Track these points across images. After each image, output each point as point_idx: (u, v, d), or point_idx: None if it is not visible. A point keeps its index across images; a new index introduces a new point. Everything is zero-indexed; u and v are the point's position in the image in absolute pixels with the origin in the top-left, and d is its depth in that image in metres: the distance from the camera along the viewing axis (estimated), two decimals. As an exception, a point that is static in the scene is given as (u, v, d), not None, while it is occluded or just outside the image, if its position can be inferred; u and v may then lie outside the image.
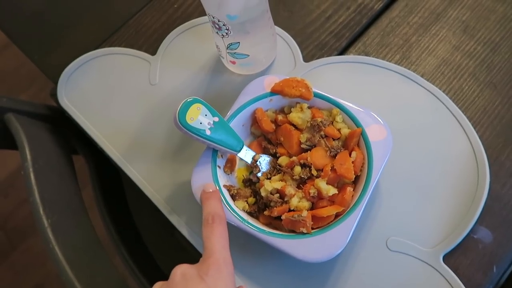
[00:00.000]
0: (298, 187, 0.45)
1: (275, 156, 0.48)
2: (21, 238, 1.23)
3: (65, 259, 0.45)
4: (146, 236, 0.67)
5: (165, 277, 0.37)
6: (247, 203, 0.45)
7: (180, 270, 0.35)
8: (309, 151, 0.46)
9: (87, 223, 0.55)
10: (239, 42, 0.49)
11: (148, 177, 0.52)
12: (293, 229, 0.43)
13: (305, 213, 0.42)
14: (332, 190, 0.43)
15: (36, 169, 0.50)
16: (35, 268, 1.19)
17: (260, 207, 0.45)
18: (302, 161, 0.45)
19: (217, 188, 0.43)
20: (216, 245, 0.37)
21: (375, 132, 0.45)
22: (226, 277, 0.35)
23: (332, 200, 0.44)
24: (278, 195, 0.44)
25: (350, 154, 0.45)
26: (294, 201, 0.43)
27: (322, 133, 0.46)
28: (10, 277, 1.19)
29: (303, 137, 0.46)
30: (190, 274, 0.35)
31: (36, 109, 0.60)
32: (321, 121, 0.46)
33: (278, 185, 0.45)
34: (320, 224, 0.43)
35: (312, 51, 0.57)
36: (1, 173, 1.31)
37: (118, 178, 0.70)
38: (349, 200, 0.43)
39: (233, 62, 0.53)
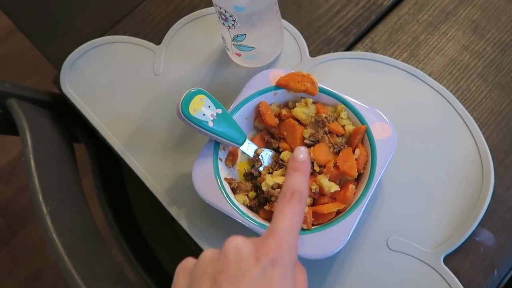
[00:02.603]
0: (300, 182, 0.45)
1: (277, 151, 0.48)
2: (21, 225, 1.23)
3: (63, 247, 0.44)
4: (145, 227, 0.67)
5: (162, 268, 0.37)
6: (247, 197, 0.45)
7: (234, 244, 0.30)
8: (312, 147, 0.45)
9: (86, 212, 0.55)
10: (245, 34, 0.49)
11: (148, 167, 0.52)
12: (293, 225, 0.42)
13: (306, 209, 0.41)
14: (334, 187, 0.43)
15: (36, 155, 0.50)
16: (34, 254, 1.19)
17: (260, 202, 0.45)
18: (304, 157, 0.45)
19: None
20: (284, 224, 0.31)
21: (380, 130, 0.44)
22: (287, 265, 0.29)
23: (333, 197, 0.44)
24: (279, 190, 0.44)
25: (353, 151, 0.44)
26: (295, 197, 0.43)
27: (326, 129, 0.46)
28: (9, 263, 1.19)
29: (307, 132, 0.46)
30: (245, 251, 0.30)
31: (39, 96, 0.59)
32: (325, 117, 0.45)
33: (279, 180, 0.44)
34: (321, 220, 0.42)
35: (318, 46, 0.56)
36: (3, 159, 1.32)
37: (118, 167, 0.70)
38: (351, 198, 0.43)
39: (239, 55, 0.53)
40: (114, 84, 0.57)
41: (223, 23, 0.48)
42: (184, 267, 0.32)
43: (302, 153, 0.35)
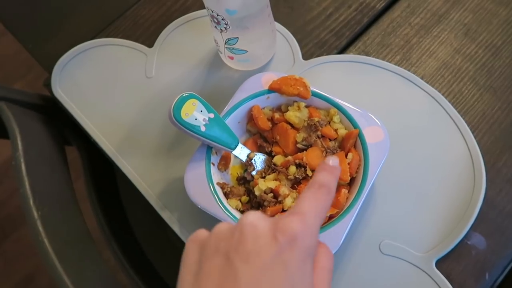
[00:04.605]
0: (293, 187, 0.45)
1: (270, 155, 0.48)
2: (13, 227, 1.22)
3: (54, 252, 0.44)
4: (138, 231, 0.67)
5: (156, 272, 0.37)
6: (240, 201, 0.45)
7: (251, 220, 0.27)
8: (304, 151, 0.45)
9: (78, 216, 0.55)
10: (237, 38, 0.48)
11: (141, 171, 0.51)
12: (286, 230, 0.42)
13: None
14: (326, 192, 0.43)
15: (27, 159, 0.50)
16: (26, 257, 1.18)
17: (253, 206, 0.45)
18: (297, 161, 0.45)
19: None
20: (309, 206, 0.28)
21: (373, 134, 0.44)
22: (306, 248, 0.26)
23: (326, 202, 0.44)
24: (272, 194, 0.44)
25: (346, 156, 0.44)
26: (288, 202, 0.43)
27: (318, 133, 0.45)
28: (1, 266, 1.18)
29: (299, 136, 0.46)
30: (262, 228, 0.27)
31: (29, 99, 0.59)
32: (318, 121, 0.45)
33: (272, 184, 0.44)
34: (313, 225, 0.42)
35: (311, 49, 0.56)
36: (-5, 161, 1.30)
37: (111, 170, 0.69)
38: (343, 202, 0.43)
39: (231, 58, 0.52)
40: (106, 87, 0.56)
41: (215, 27, 0.48)
42: (196, 239, 0.29)
43: (332, 160, 0.33)
